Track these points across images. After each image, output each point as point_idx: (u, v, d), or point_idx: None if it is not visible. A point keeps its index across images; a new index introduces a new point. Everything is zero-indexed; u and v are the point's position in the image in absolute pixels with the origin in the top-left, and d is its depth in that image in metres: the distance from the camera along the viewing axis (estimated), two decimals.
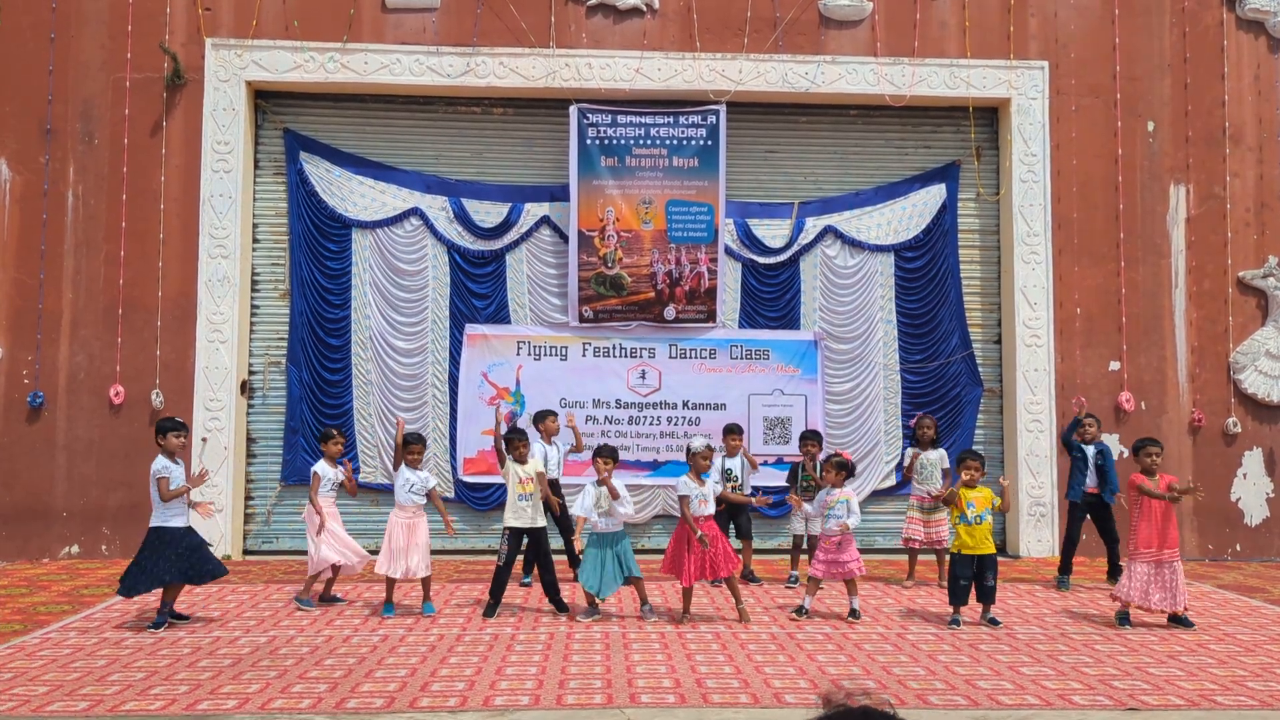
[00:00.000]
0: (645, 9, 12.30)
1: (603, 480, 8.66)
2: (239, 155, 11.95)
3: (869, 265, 12.72)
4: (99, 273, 11.80)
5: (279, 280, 12.42)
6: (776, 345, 12.55)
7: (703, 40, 12.30)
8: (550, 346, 12.42)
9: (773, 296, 12.65)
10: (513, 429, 9.49)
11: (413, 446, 8.93)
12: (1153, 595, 8.39)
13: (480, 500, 12.23)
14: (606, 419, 12.34)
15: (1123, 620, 8.53)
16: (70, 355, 11.74)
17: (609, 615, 8.70)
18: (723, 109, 12.32)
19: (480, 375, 12.34)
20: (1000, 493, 8.76)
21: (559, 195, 12.46)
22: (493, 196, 12.53)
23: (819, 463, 10.32)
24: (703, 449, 8.77)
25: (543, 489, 8.97)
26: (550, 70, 12.15)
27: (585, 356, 12.44)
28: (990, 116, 12.88)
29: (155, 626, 8.08)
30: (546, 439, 10.35)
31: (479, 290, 12.46)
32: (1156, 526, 8.47)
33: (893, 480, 12.45)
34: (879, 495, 12.49)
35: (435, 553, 11.82)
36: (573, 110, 12.25)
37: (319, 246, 12.33)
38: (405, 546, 8.71)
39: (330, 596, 9.21)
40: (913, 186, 12.83)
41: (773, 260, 12.63)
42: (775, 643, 7.80)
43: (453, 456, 12.23)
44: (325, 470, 9.22)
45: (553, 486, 10.03)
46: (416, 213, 12.41)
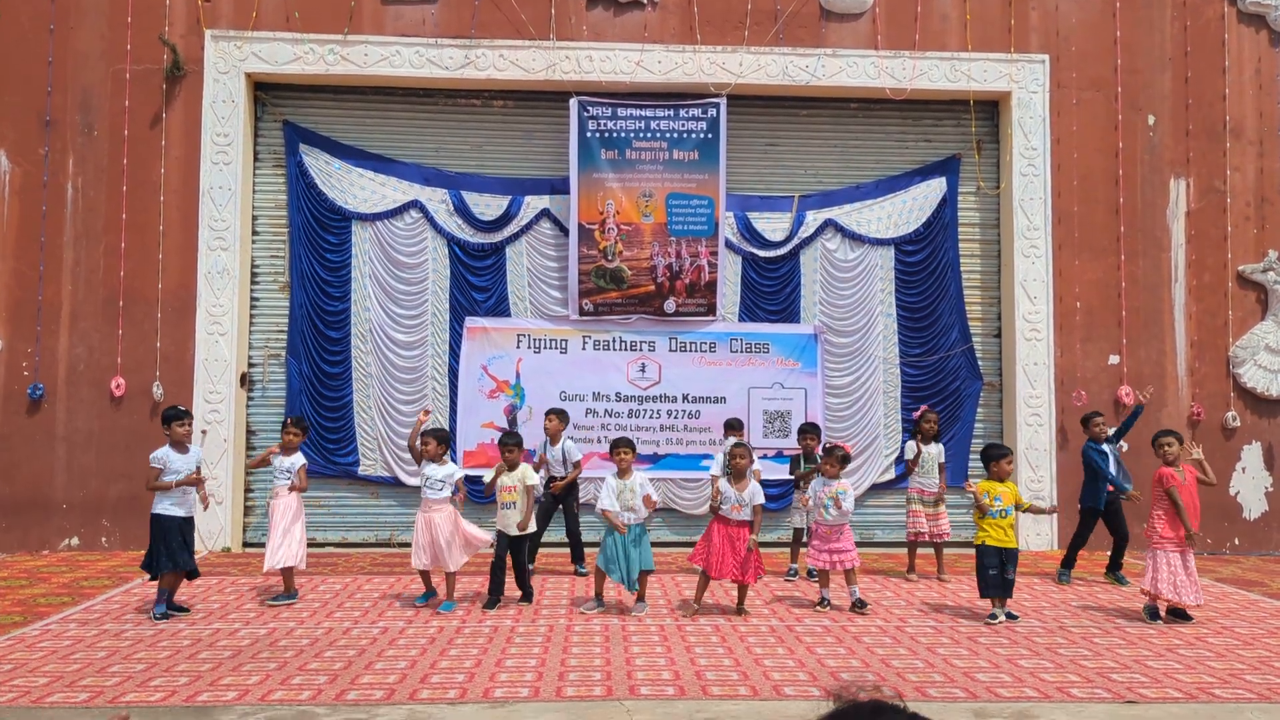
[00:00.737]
0: (646, 1, 12.28)
1: (623, 472, 8.72)
2: (238, 147, 11.94)
3: (869, 259, 12.72)
4: (99, 264, 11.80)
5: (279, 273, 12.41)
6: (776, 339, 12.55)
7: (703, 33, 12.28)
8: (550, 339, 12.42)
9: (773, 290, 12.64)
10: (506, 433, 9.45)
11: (425, 439, 8.89)
12: (1181, 588, 8.34)
13: (480, 493, 12.20)
14: (606, 412, 12.35)
15: (1153, 615, 8.46)
16: (70, 347, 11.73)
17: (610, 608, 8.70)
18: (723, 102, 12.30)
19: (480, 368, 12.34)
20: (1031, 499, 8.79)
21: (559, 188, 12.45)
22: (493, 189, 12.52)
23: (819, 455, 10.34)
24: (736, 450, 8.79)
25: (527, 500, 8.81)
26: (550, 62, 12.13)
27: (585, 350, 12.44)
28: (991, 110, 12.86)
29: (156, 617, 8.09)
30: (552, 440, 10.41)
31: (479, 283, 12.45)
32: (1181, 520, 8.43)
33: (892, 474, 12.46)
34: (878, 489, 12.51)
35: None
36: (573, 103, 12.23)
37: (319, 239, 12.32)
38: (426, 541, 8.68)
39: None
40: (913, 180, 12.82)
41: (773, 253, 12.62)
42: (774, 635, 7.81)
43: (452, 449, 12.20)
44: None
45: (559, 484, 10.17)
46: (416, 205, 12.40)
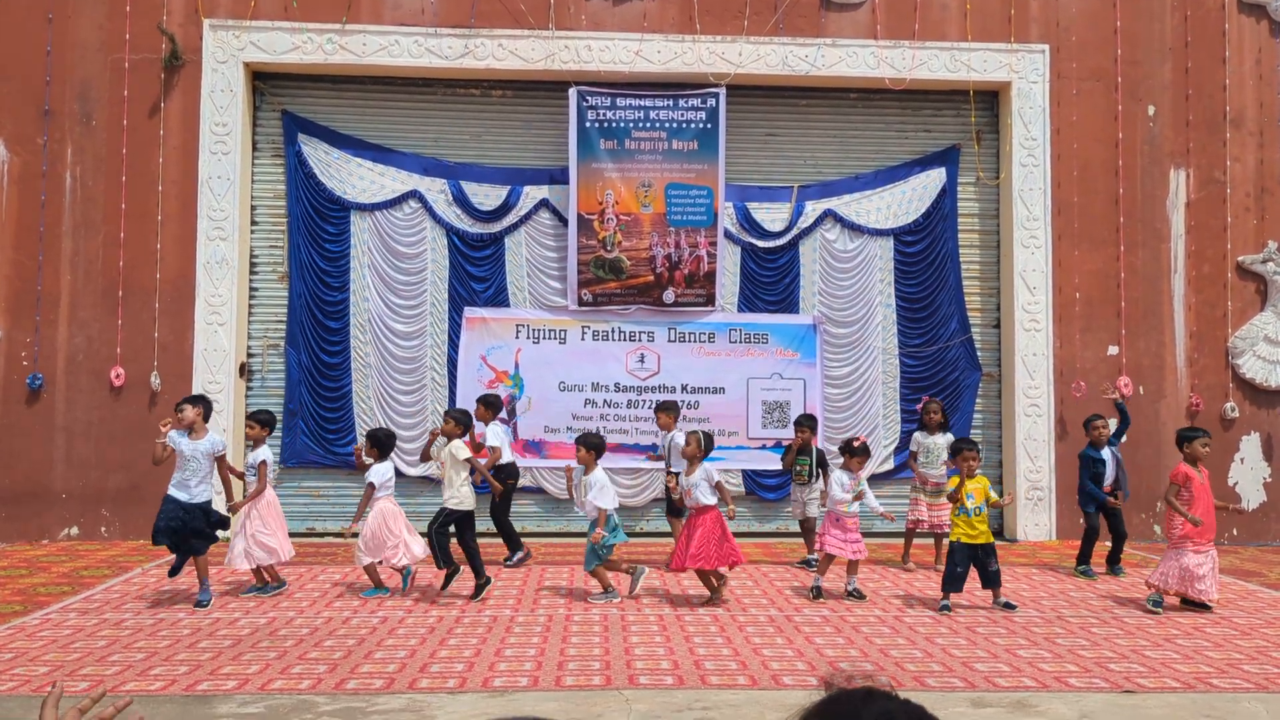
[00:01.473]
0: None
1: (586, 468, 8.78)
2: (237, 137, 11.92)
3: (868, 249, 12.70)
4: (98, 254, 11.78)
5: (278, 263, 12.40)
6: (775, 329, 12.55)
7: (703, 22, 12.25)
8: (549, 330, 12.42)
9: (772, 280, 12.64)
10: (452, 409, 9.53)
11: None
12: (1190, 582, 8.35)
13: (480, 484, 12.22)
14: (605, 402, 12.35)
15: (1156, 604, 8.48)
16: (69, 337, 11.73)
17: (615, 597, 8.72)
18: (722, 92, 12.28)
19: (479, 358, 12.33)
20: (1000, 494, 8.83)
21: (558, 178, 12.43)
22: (492, 179, 12.50)
23: (815, 448, 10.38)
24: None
25: (445, 472, 8.88)
26: (549, 52, 12.10)
27: (584, 340, 12.44)
28: (991, 100, 12.84)
29: (199, 605, 8.26)
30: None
31: (478, 273, 12.44)
32: (1205, 515, 8.41)
33: (891, 464, 12.47)
34: (875, 479, 12.46)
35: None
36: (572, 93, 12.21)
37: (318, 229, 12.31)
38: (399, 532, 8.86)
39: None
40: (912, 170, 12.80)
41: (772, 244, 12.61)
42: (773, 625, 7.83)
43: None
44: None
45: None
46: (415, 195, 12.38)
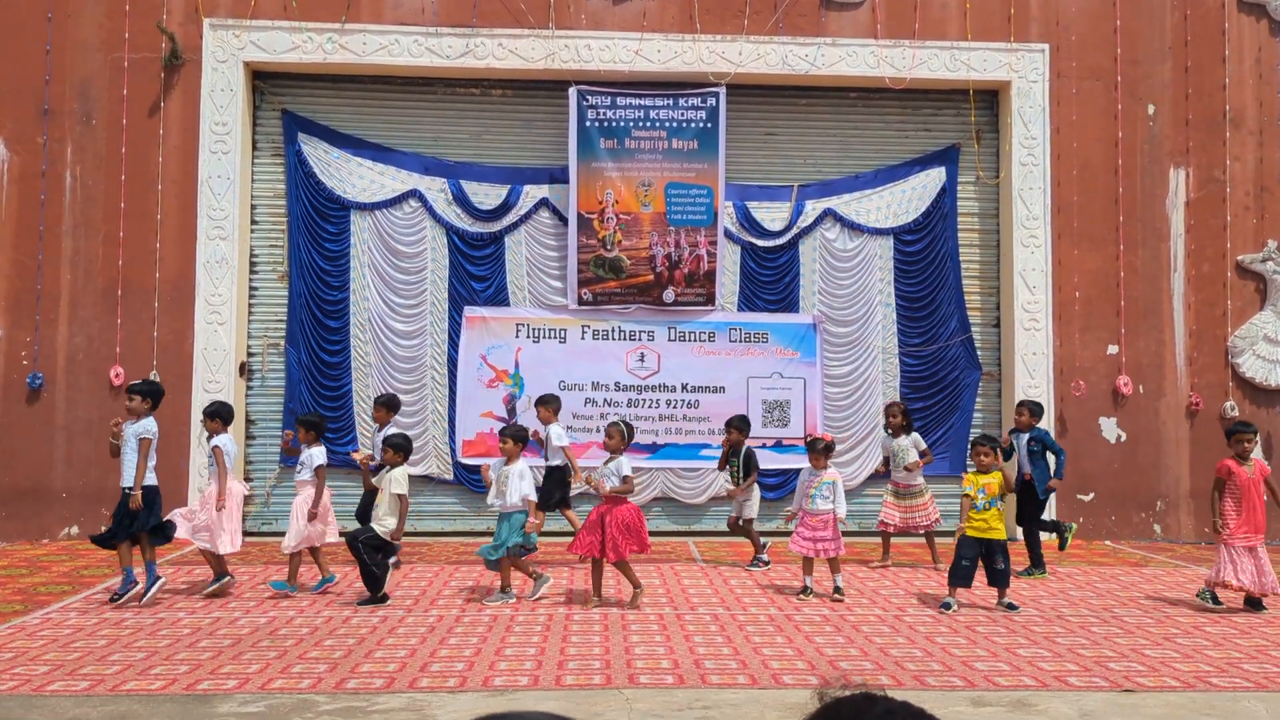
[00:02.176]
0: None
1: (508, 459, 8.70)
2: (237, 136, 11.92)
3: (868, 248, 12.70)
4: (97, 253, 11.79)
5: (277, 262, 12.40)
6: (775, 328, 12.56)
7: (703, 22, 12.25)
8: (549, 329, 12.42)
9: (772, 279, 12.64)
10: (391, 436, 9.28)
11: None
12: (1243, 576, 8.32)
13: (479, 482, 12.21)
14: (605, 401, 12.35)
15: (1213, 600, 8.50)
16: (69, 336, 11.73)
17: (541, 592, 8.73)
18: (722, 91, 12.28)
19: (479, 357, 12.33)
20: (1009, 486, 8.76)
21: (558, 177, 12.44)
22: (492, 178, 12.51)
23: (743, 450, 10.32)
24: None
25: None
26: (549, 51, 12.10)
27: (584, 339, 12.44)
28: (990, 99, 12.84)
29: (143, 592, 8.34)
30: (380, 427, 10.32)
31: (478, 272, 12.44)
32: (1250, 511, 8.40)
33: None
34: (877, 479, 12.48)
35: (434, 534, 12.00)
36: (572, 92, 12.21)
37: (317, 228, 12.31)
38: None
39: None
40: (912, 169, 12.80)
41: (772, 243, 12.61)
42: (773, 624, 7.83)
43: (451, 439, 12.24)
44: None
45: None
46: (415, 195, 12.38)
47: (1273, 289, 12.53)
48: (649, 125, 12.31)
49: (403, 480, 8.63)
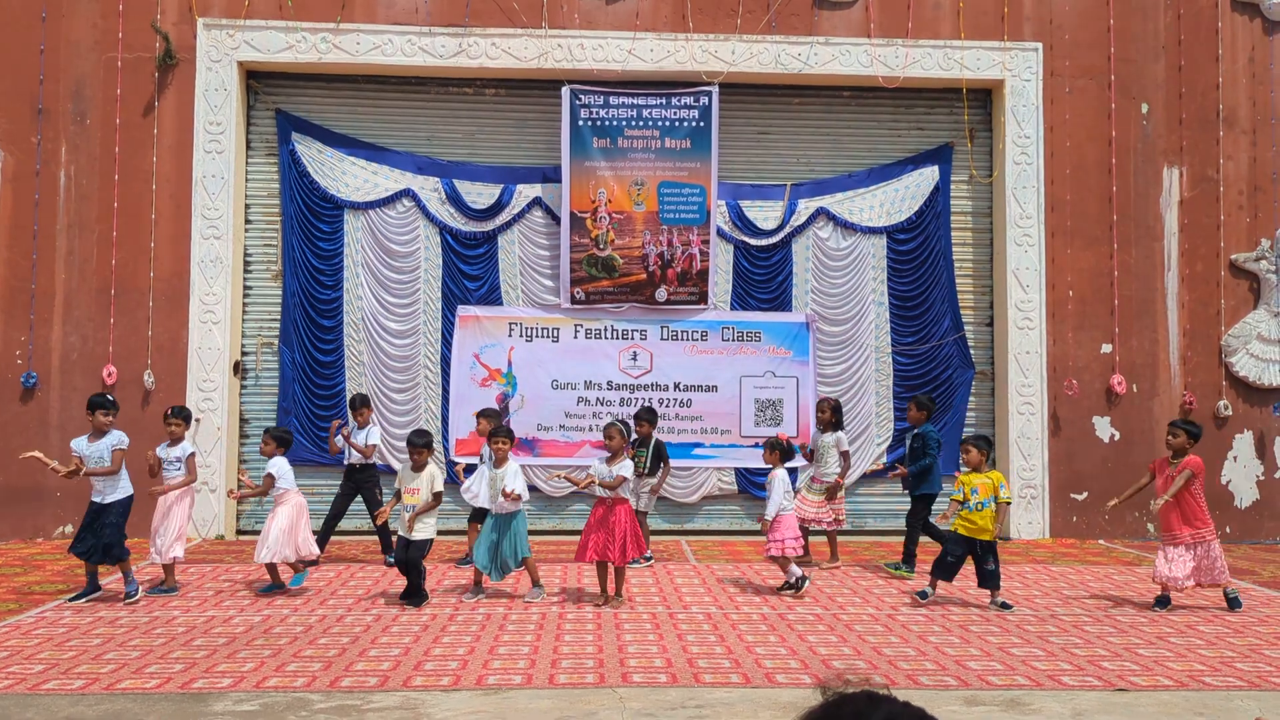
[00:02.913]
0: None
1: (498, 461, 8.66)
2: (231, 136, 11.91)
3: (861, 247, 12.72)
4: (91, 253, 11.77)
5: (271, 261, 12.40)
6: (768, 327, 12.57)
7: (695, 21, 12.26)
8: (542, 328, 12.43)
9: (764, 278, 12.65)
10: (417, 432, 8.90)
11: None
12: (1188, 577, 8.33)
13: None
14: (598, 400, 12.37)
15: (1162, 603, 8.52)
16: (63, 336, 11.71)
17: (501, 595, 8.69)
18: (715, 90, 12.29)
19: (472, 356, 12.34)
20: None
21: (551, 176, 12.44)
22: (485, 178, 12.51)
23: (652, 443, 10.27)
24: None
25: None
26: (542, 51, 12.11)
27: (577, 338, 12.45)
28: (984, 98, 12.86)
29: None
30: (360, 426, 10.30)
31: (471, 271, 12.44)
32: (1174, 511, 8.43)
33: (884, 462, 12.47)
34: (870, 477, 12.51)
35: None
36: (565, 91, 12.21)
37: (311, 227, 12.31)
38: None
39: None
40: (905, 168, 12.82)
41: (765, 242, 12.62)
42: (766, 623, 7.84)
43: (445, 437, 12.24)
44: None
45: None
46: (408, 194, 12.39)
47: (1266, 288, 12.56)
48: (642, 124, 12.31)
49: (440, 478, 8.63)
